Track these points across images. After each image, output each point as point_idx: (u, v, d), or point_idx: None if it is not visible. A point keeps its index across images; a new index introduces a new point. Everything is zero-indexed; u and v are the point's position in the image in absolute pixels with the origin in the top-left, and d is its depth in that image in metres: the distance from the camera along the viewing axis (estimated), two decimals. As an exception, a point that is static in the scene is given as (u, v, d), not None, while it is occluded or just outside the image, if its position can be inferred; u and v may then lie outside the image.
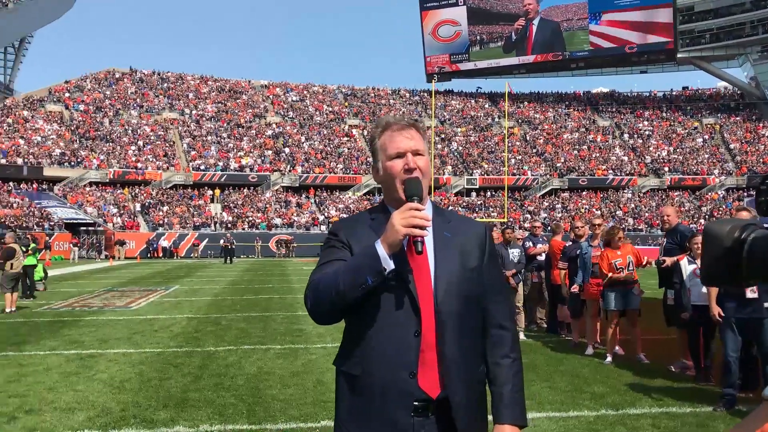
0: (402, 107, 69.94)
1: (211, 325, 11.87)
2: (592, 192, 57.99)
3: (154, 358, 8.67)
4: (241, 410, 6.16)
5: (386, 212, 2.14)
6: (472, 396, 2.08)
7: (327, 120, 65.10)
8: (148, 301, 16.24)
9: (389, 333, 2.01)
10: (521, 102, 73.29)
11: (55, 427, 5.64)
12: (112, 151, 53.13)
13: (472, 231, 2.21)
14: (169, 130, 58.81)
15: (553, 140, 65.30)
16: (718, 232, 1.19)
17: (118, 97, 61.84)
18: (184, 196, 51.05)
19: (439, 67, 73.19)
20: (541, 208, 54.46)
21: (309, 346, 9.54)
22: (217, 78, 70.01)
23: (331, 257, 2.12)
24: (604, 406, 6.27)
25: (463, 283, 2.09)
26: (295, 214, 50.40)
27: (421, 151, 2.16)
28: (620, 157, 62.87)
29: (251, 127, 61.39)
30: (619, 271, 8.48)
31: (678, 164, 61.08)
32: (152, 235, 44.54)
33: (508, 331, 2.19)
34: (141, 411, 6.12)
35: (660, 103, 74.43)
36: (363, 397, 2.04)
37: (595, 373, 7.80)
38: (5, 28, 55.31)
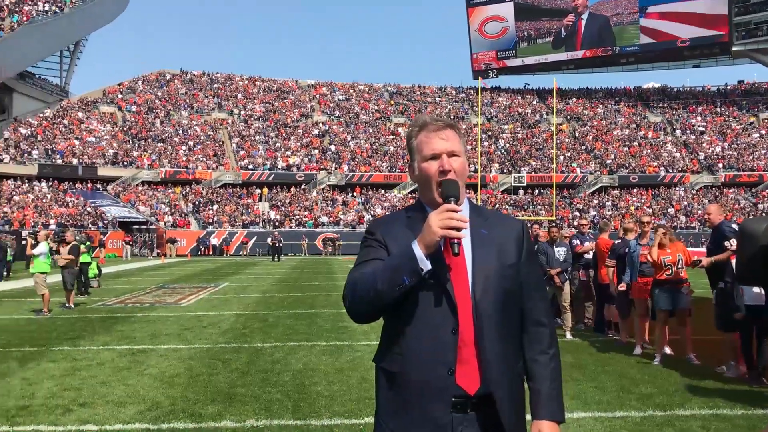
0: (448, 105, 69.71)
1: (258, 321, 12.05)
2: (643, 189, 56.87)
3: (202, 354, 8.84)
4: (287, 406, 6.24)
5: (423, 211, 2.17)
6: (513, 392, 2.09)
7: (373, 119, 65.30)
8: (198, 298, 16.55)
9: (427, 331, 2.03)
10: (570, 98, 72.30)
11: (107, 420, 5.80)
12: (163, 151, 54.28)
13: (510, 228, 2.21)
14: (219, 130, 59.79)
15: (602, 137, 64.23)
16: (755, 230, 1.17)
17: (169, 98, 63.12)
18: (233, 195, 51.85)
19: (486, 64, 72.77)
20: (591, 206, 53.64)
21: (354, 343, 9.60)
22: (264, 78, 70.90)
23: (368, 257, 2.15)
24: (652, 407, 6.16)
25: (500, 279, 2.10)
26: (341, 212, 50.71)
27: (457, 152, 2.16)
28: (672, 153, 61.50)
29: (298, 126, 61.99)
30: (667, 269, 8.30)
31: (733, 160, 59.45)
32: (202, 233, 45.35)
33: (546, 327, 2.20)
34: (189, 405, 6.25)
35: (714, 97, 72.54)
36: (402, 394, 2.06)
37: (643, 373, 7.67)
38: (61, 32, 56.90)
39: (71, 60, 65.27)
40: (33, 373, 7.71)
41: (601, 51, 70.29)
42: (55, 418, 5.88)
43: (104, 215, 44.49)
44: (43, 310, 13.31)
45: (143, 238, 44.65)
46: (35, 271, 13.68)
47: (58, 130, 53.84)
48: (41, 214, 42.66)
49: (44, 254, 13.73)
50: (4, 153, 48.55)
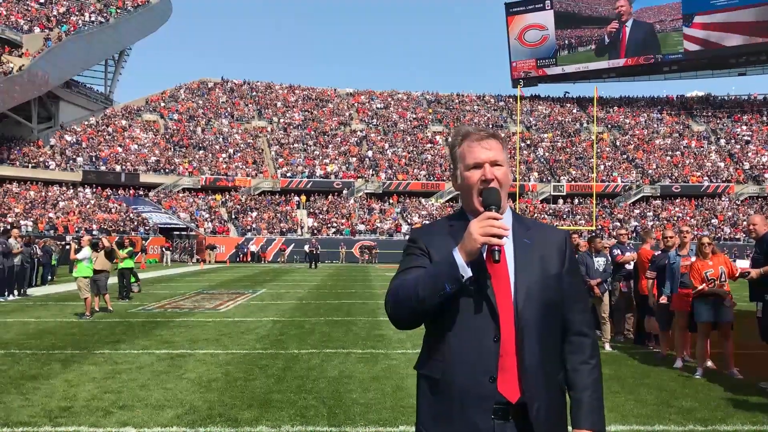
0: (486, 113, 69.44)
1: (295, 328, 12.12)
2: (686, 199, 55.85)
3: (240, 359, 8.93)
4: (322, 412, 6.27)
5: (464, 219, 2.18)
6: (552, 402, 2.09)
7: (411, 127, 65.38)
8: (236, 303, 16.73)
9: (469, 338, 2.05)
10: (611, 107, 71.45)
11: (145, 423, 5.90)
12: (203, 159, 55.11)
13: (553, 238, 2.23)
14: (258, 138, 60.49)
15: (644, 146, 63.29)
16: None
17: (210, 106, 64.11)
18: (272, 203, 52.34)
19: (525, 72, 72.36)
20: (632, 216, 52.85)
21: (389, 352, 9.60)
22: (304, 87, 71.59)
23: (410, 264, 2.17)
24: (692, 422, 6.04)
25: (543, 290, 2.11)
26: (378, 220, 50.79)
27: (500, 162, 2.18)
28: (716, 163, 60.29)
29: (336, 134, 62.37)
30: (710, 282, 8.14)
31: (779, 171, 58.04)
32: (241, 239, 45.87)
33: (588, 337, 2.21)
34: (226, 410, 6.32)
35: (760, 106, 70.95)
36: (444, 400, 2.08)
37: (684, 387, 7.52)
38: (107, 42, 58.26)
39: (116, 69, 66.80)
40: (75, 375, 7.87)
41: (643, 59, 69.34)
42: (95, 419, 5.99)
43: (146, 221, 45.30)
44: (85, 313, 13.59)
45: (183, 244, 45.34)
46: (78, 275, 13.97)
47: (102, 137, 55.06)
48: (85, 220, 43.61)
49: (87, 259, 14.02)
50: (50, 160, 49.82)
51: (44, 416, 6.10)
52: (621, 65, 70.54)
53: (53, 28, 53.62)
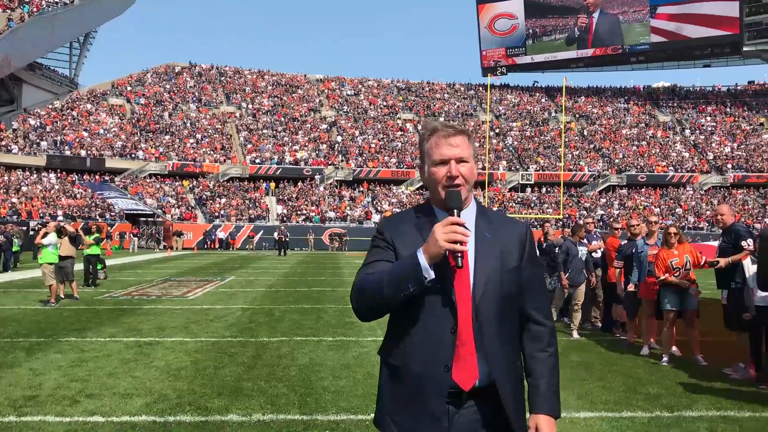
0: (456, 101, 69.59)
1: (264, 316, 12.06)
2: (651, 189, 56.68)
3: (209, 347, 8.86)
4: (293, 400, 6.25)
5: (431, 213, 2.29)
6: (513, 387, 2.22)
7: (381, 114, 65.26)
8: (204, 291, 16.59)
9: (427, 329, 2.17)
10: (579, 96, 72.08)
11: (114, 412, 5.82)
12: (171, 144, 54.39)
13: (514, 231, 2.31)
14: (227, 123, 59.87)
15: (611, 135, 64.02)
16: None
17: (178, 91, 63.24)
18: (241, 189, 51.91)
19: (495, 61, 72.62)
20: (598, 205, 53.49)
21: (360, 339, 9.60)
22: (273, 72, 70.95)
23: (375, 258, 2.26)
24: (659, 408, 6.14)
25: (502, 283, 2.22)
26: (348, 207, 50.70)
27: (466, 158, 2.25)
28: (681, 153, 61.25)
29: (306, 121, 61.99)
30: (675, 271, 8.27)
31: (742, 161, 59.16)
32: (209, 226, 45.45)
33: (546, 326, 2.32)
34: (196, 398, 6.26)
35: (724, 98, 72.18)
36: (403, 387, 2.20)
37: (650, 373, 7.64)
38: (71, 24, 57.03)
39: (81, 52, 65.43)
40: (40, 364, 7.74)
41: (611, 50, 70.02)
42: (62, 408, 5.90)
43: (112, 207, 44.63)
44: (51, 300, 13.36)
45: (150, 230, 44.78)
46: (43, 261, 13.72)
47: (66, 121, 54.00)
48: (49, 206, 42.82)
49: (53, 245, 13.76)
50: (13, 144, 48.74)
51: (8, 406, 5.98)
52: (589, 55, 71.15)
53: (15, 8, 52.30)
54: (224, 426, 5.48)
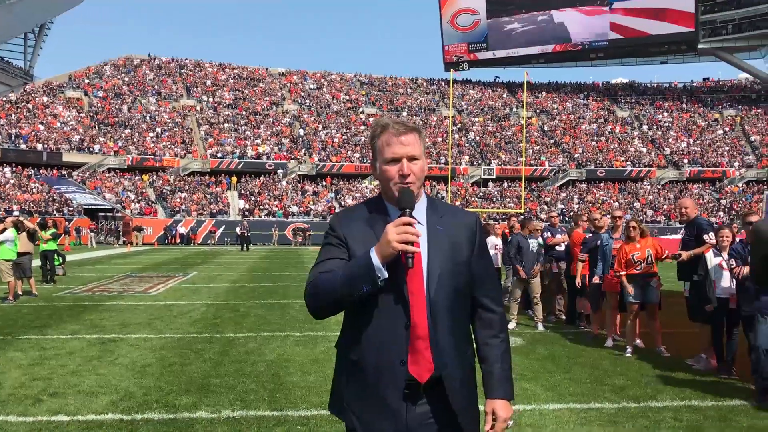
0: (419, 96, 69.75)
1: (229, 311, 11.94)
2: (610, 183, 57.60)
3: (174, 344, 8.74)
4: (263, 396, 6.20)
5: (383, 210, 2.32)
6: (465, 376, 2.29)
7: (344, 108, 65.06)
8: (167, 287, 16.36)
9: (381, 325, 2.21)
10: (539, 92, 72.83)
11: (78, 410, 5.70)
12: (130, 138, 53.48)
13: (463, 223, 2.36)
14: (187, 117, 59.08)
15: (571, 131, 64.87)
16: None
17: (137, 84, 62.16)
18: (202, 183, 51.30)
19: (458, 57, 72.94)
20: (558, 199, 54.18)
21: (328, 334, 9.56)
22: (234, 65, 70.18)
23: (328, 256, 2.29)
24: (626, 399, 6.24)
25: (453, 276, 2.26)
26: (312, 202, 50.49)
27: (417, 156, 2.28)
28: (639, 148, 62.36)
29: (268, 114, 61.51)
30: (637, 264, 8.41)
31: (697, 156, 60.49)
32: (170, 221, 44.85)
33: (496, 314, 2.38)
34: (163, 396, 6.17)
35: (680, 94, 73.65)
36: (360, 380, 2.25)
37: (615, 365, 7.76)
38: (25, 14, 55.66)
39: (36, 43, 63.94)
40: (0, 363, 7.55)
41: (570, 46, 70.88)
42: (24, 408, 5.76)
43: (69, 202, 43.72)
44: (8, 297, 13.04)
45: (109, 225, 43.98)
46: (1, 258, 13.36)
47: (22, 114, 52.69)
48: (4, 201, 41.77)
49: (10, 241, 13.41)
50: (-35, 137, 47.39)
51: (-31, 406, 5.82)
52: (549, 51, 71.92)
53: (-33, -3, 50.87)
54: (193, 423, 5.41)
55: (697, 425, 5.44)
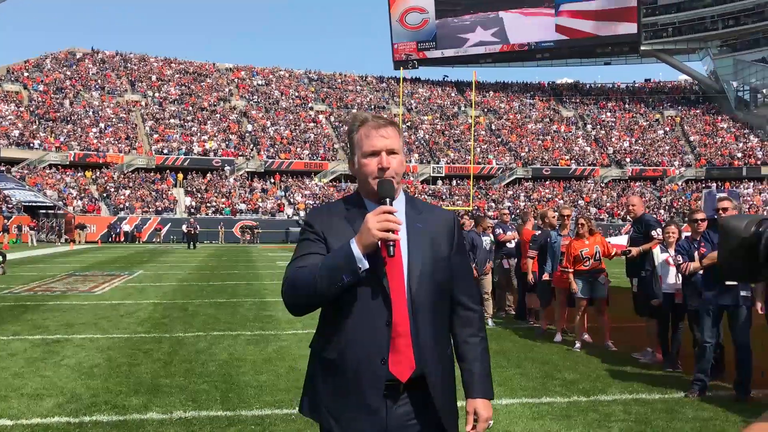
0: (369, 94, 69.77)
1: (178, 310, 11.73)
2: (555, 181, 58.65)
3: (122, 344, 8.54)
4: (215, 396, 6.10)
5: (361, 206, 2.28)
6: (446, 375, 2.26)
7: (293, 105, 64.62)
8: (113, 286, 15.99)
9: (362, 322, 2.16)
10: (487, 91, 73.65)
11: (23, 414, 5.52)
12: (72, 133, 52.07)
13: (442, 220, 2.33)
14: (132, 112, 57.83)
15: (517, 130, 65.81)
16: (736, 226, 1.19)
17: (79, 78, 60.56)
18: (147, 180, 50.28)
19: (407, 55, 73.22)
20: (506, 197, 54.92)
21: (280, 333, 9.48)
22: (181, 60, 69.01)
23: (306, 250, 2.23)
24: (576, 393, 6.36)
25: (434, 273, 2.22)
26: (260, 199, 50.01)
27: (396, 150, 2.26)
28: (583, 147, 63.66)
29: (215, 110, 60.66)
30: (585, 261, 8.59)
31: (639, 155, 62.08)
32: (114, 219, 43.87)
33: (476, 312, 2.36)
34: (112, 397, 6.02)
35: (623, 94, 75.46)
36: (338, 380, 2.19)
37: (565, 360, 7.91)
38: (-39, 4, 53.63)
39: (-29, 34, 61.55)
40: (-63, 366, 7.26)
41: (517, 46, 71.89)
42: (-35, 412, 5.55)
43: (8, 199, 42.33)
44: (-56, 298, 12.56)
45: (50, 223, 42.75)
46: (-65, 257, 12.86)
47: (-44, 107, 50.79)
48: (-63, 197, 40.21)
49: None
50: None
51: None
52: (497, 51, 72.82)
53: None
54: (144, 424, 5.30)
55: (645, 418, 5.57)
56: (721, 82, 70.94)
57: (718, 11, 67.73)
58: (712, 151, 62.13)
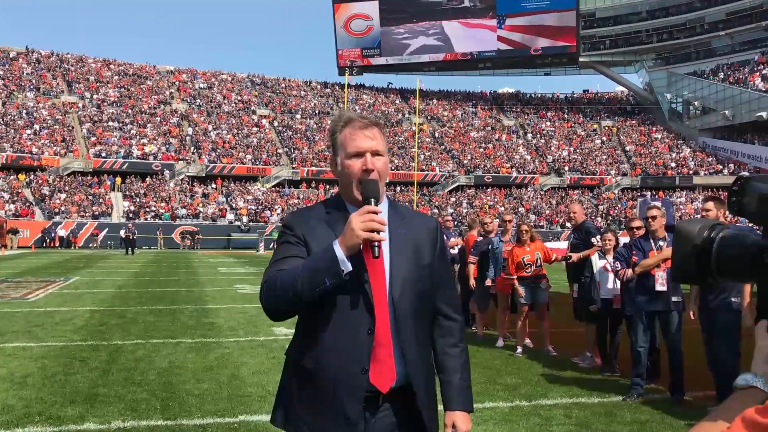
0: (313, 99, 69.54)
1: (116, 318, 11.44)
2: (497, 189, 59.51)
3: (57, 353, 8.28)
4: (155, 405, 5.97)
5: (342, 209, 2.19)
6: (428, 386, 2.18)
7: (236, 109, 63.88)
8: (47, 292, 15.49)
9: (343, 331, 2.06)
10: (431, 99, 74.31)
11: (-49, 427, 5.30)
12: (4, 135, 50.27)
13: (425, 227, 2.26)
14: (68, 114, 56.21)
15: (460, 138, 66.57)
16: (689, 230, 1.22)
17: (13, 78, 58.57)
18: (83, 184, 48.91)
19: (351, 61, 73.26)
20: (448, 204, 55.45)
21: (221, 340, 9.34)
22: (120, 62, 67.41)
23: (286, 254, 2.13)
24: (518, 397, 6.45)
25: (417, 280, 2.15)
26: (201, 204, 49.23)
27: (381, 152, 2.19)
28: (524, 156, 64.80)
29: (156, 113, 59.48)
30: (527, 267, 8.74)
31: (577, 164, 63.52)
32: (48, 223, 42.53)
33: (457, 322, 2.29)
34: (46, 408, 5.82)
35: (562, 104, 77.16)
36: (316, 389, 2.09)
37: (507, 364, 8.01)
38: None
39: None
40: None
41: (460, 55, 72.78)
42: None
43: (-66, 202, 40.60)
44: None
45: (-20, 227, 41.17)
46: None
47: None
48: None
49: None
50: None
51: None
52: (440, 60, 73.58)
53: None
54: (81, 436, 5.14)
55: (585, 421, 5.69)
56: (655, 93, 73.25)
57: (653, 25, 70.00)
58: (647, 161, 64.03)
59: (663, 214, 6.52)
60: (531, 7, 69.13)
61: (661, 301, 6.37)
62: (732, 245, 1.15)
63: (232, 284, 18.28)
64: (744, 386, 1.06)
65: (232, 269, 24.89)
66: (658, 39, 70.24)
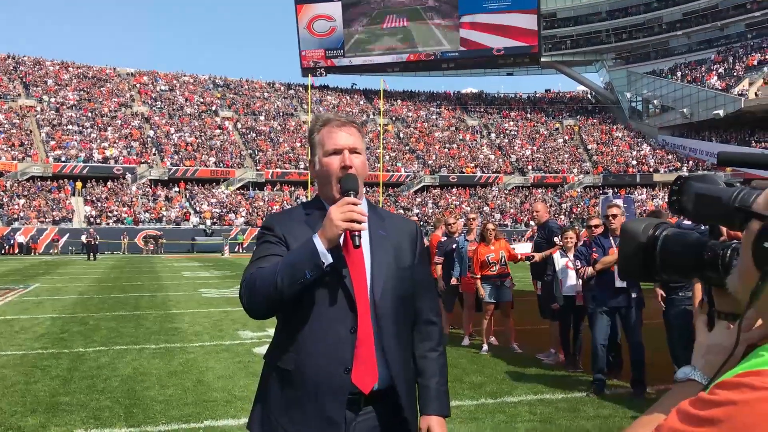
0: (277, 101, 69.17)
1: (78, 325, 11.26)
2: (462, 189, 59.87)
3: (16, 361, 8.12)
4: (118, 413, 5.89)
5: (321, 208, 2.17)
6: (409, 388, 2.17)
7: (198, 111, 63.25)
8: (6, 300, 15.17)
9: (325, 329, 2.04)
10: (395, 100, 74.47)
11: None
12: (-41, 139, 49.08)
13: (405, 229, 2.27)
14: (26, 118, 55.05)
15: (425, 138, 66.83)
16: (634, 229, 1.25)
17: (-33, 81, 57.18)
18: (43, 189, 47.96)
19: (315, 62, 73.09)
20: (414, 204, 55.62)
21: (186, 345, 9.26)
22: (79, 64, 66.27)
23: (266, 252, 2.12)
24: (484, 395, 6.51)
25: (398, 282, 2.14)
26: (164, 208, 48.63)
27: (359, 150, 2.20)
28: (488, 155, 65.28)
29: (116, 116, 58.58)
30: (492, 266, 8.82)
31: (540, 163, 64.21)
32: (7, 229, 41.65)
33: (436, 325, 2.28)
34: (6, 418, 5.71)
35: (525, 104, 77.92)
36: (295, 392, 2.05)
37: (473, 363, 8.08)
38: None
39: None
40: None
41: (424, 56, 73.08)
42: None
43: None
44: None
45: (-65, 235, 40.18)
46: None
47: None
48: None
49: None
50: None
51: None
52: (404, 60, 73.78)
53: None
54: (42, 446, 5.05)
55: (549, 417, 5.77)
56: (615, 92, 74.40)
57: (612, 25, 71.08)
58: (608, 159, 65.00)
59: (623, 213, 6.65)
60: (493, 8, 69.71)
61: (621, 297, 6.49)
62: (675, 243, 1.19)
63: (196, 288, 18.11)
64: (683, 379, 1.10)
65: (196, 273, 24.65)
66: (618, 39, 71.35)
